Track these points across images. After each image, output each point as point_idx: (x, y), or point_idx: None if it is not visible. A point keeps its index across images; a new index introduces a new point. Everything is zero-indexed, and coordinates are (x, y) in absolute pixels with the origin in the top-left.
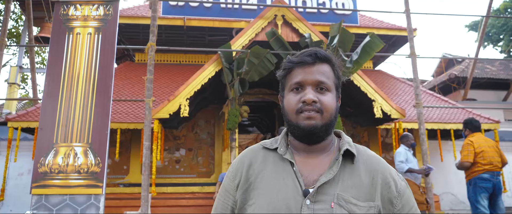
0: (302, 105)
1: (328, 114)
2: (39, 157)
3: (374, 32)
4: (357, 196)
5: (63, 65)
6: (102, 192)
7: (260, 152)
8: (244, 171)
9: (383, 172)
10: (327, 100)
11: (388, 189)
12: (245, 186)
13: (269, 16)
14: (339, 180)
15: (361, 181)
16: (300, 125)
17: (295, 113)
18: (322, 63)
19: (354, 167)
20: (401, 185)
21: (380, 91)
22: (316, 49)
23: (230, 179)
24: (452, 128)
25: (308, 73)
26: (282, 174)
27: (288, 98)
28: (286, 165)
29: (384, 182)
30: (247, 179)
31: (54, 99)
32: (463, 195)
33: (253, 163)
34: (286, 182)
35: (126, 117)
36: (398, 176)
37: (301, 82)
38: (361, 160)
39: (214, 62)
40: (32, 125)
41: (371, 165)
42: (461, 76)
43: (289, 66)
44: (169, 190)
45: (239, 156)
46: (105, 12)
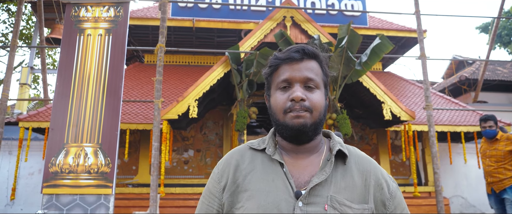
0: (291, 104)
1: (317, 112)
2: (50, 157)
3: (383, 34)
4: (350, 198)
5: (74, 66)
6: (111, 192)
7: (247, 152)
8: (231, 172)
9: (375, 173)
10: (316, 98)
11: (380, 190)
12: (232, 188)
13: (278, 18)
14: (332, 182)
15: (354, 183)
16: (288, 124)
17: (282, 112)
18: (310, 59)
19: (346, 167)
20: (393, 186)
21: (389, 93)
22: (304, 45)
23: (215, 181)
24: (462, 130)
25: (296, 70)
26: (271, 175)
27: (275, 97)
28: (275, 166)
29: (377, 184)
30: (234, 180)
31: (65, 100)
32: (473, 198)
33: (240, 164)
34: (276, 184)
35: (135, 118)
36: (389, 177)
37: (288, 80)
38: (353, 160)
39: (222, 64)
40: (43, 125)
41: (363, 166)
42: (471, 78)
43: (276, 63)
44: (177, 190)
45: (225, 157)
46: (116, 13)
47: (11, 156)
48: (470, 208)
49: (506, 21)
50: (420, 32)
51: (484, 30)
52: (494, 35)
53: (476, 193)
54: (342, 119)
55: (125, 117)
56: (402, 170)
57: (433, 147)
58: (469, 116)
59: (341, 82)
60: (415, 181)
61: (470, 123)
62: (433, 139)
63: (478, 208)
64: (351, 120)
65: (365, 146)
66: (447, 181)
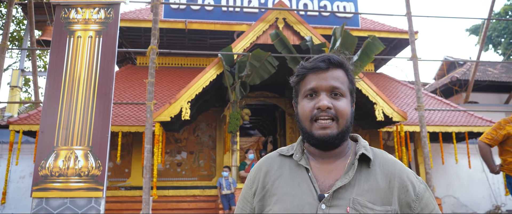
0: (317, 112)
1: (343, 120)
2: (40, 160)
3: (375, 35)
4: (373, 200)
5: (64, 68)
6: (102, 195)
7: (276, 159)
8: (261, 178)
9: (400, 175)
10: (342, 106)
11: (405, 192)
12: (261, 193)
13: (270, 19)
14: (355, 184)
15: (377, 185)
16: (314, 134)
17: (309, 120)
18: (336, 68)
19: (370, 171)
20: (420, 187)
21: (381, 94)
22: (330, 54)
23: (248, 187)
24: (453, 130)
25: (322, 79)
26: (297, 180)
27: (302, 105)
28: (301, 171)
29: (402, 185)
30: (263, 186)
31: (55, 103)
32: (465, 198)
33: (270, 170)
34: (301, 188)
35: (128, 120)
36: (416, 179)
37: (315, 88)
38: (378, 163)
39: (215, 65)
40: (33, 128)
41: (388, 168)
42: (462, 79)
43: (303, 72)
44: (170, 193)
45: (257, 164)
46: (106, 15)
47: (1, 159)
48: (462, 207)
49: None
50: (411, 34)
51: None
52: (484, 37)
53: (468, 192)
54: None
55: (117, 119)
56: None
57: (425, 147)
58: (460, 116)
59: None
60: None
61: (461, 123)
62: (425, 139)
63: (470, 207)
64: None
65: None
66: (439, 181)
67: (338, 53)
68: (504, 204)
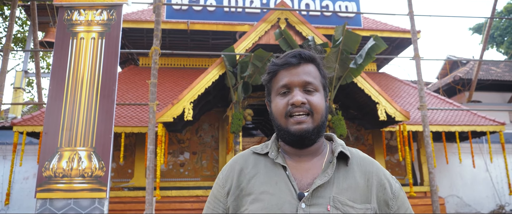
0: (291, 108)
1: (318, 115)
2: (43, 161)
3: (377, 35)
4: (353, 198)
5: (67, 69)
6: (106, 196)
7: (250, 157)
8: (235, 177)
9: (378, 173)
10: (316, 100)
11: (383, 190)
12: (236, 192)
13: (272, 20)
14: (334, 183)
15: (356, 183)
16: (290, 130)
17: (284, 116)
18: (307, 63)
19: (348, 169)
20: (396, 186)
21: (384, 94)
22: (300, 50)
23: (219, 186)
24: (457, 130)
25: (294, 75)
26: (274, 179)
27: (275, 103)
28: (278, 169)
29: (379, 184)
30: (238, 185)
31: (58, 104)
32: (468, 197)
33: (244, 169)
34: (279, 186)
35: (131, 121)
36: (392, 178)
37: (287, 85)
38: (355, 162)
39: (217, 66)
40: (37, 129)
41: (365, 167)
42: (465, 78)
43: (274, 69)
44: (173, 193)
45: (229, 162)
46: (109, 16)
47: (5, 160)
48: (466, 207)
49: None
50: (414, 33)
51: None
52: (487, 35)
53: (472, 192)
54: (337, 120)
55: (120, 120)
56: (397, 170)
57: (428, 147)
58: (463, 116)
59: (336, 84)
60: (410, 181)
61: (464, 123)
62: (428, 139)
63: (473, 207)
64: (346, 120)
65: (361, 147)
66: (442, 181)
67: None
68: (508, 203)
